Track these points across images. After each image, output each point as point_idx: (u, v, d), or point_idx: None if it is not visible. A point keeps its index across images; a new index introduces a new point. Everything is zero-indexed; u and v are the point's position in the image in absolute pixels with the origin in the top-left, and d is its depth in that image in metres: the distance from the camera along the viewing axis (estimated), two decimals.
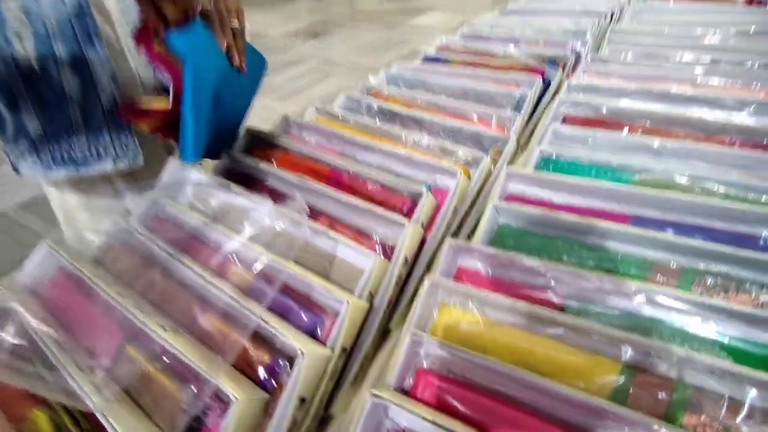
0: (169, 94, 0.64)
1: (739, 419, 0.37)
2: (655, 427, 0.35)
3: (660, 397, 0.39)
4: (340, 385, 0.51)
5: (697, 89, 0.82)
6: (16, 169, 0.78)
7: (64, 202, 0.87)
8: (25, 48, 0.68)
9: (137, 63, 0.78)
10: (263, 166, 0.68)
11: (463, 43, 1.15)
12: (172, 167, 0.66)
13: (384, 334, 0.57)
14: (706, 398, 0.38)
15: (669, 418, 0.38)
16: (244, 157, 0.71)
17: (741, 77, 0.84)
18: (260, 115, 0.83)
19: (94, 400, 0.37)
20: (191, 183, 0.63)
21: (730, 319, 0.43)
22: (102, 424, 0.37)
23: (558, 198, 0.63)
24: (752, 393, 0.37)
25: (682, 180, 0.61)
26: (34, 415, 0.41)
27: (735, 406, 0.37)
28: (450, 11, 5.93)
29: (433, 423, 0.37)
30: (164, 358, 0.41)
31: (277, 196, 0.61)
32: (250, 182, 0.68)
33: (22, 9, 0.65)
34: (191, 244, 0.54)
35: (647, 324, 0.45)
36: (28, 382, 0.40)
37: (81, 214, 0.87)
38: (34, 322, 0.44)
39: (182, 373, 0.40)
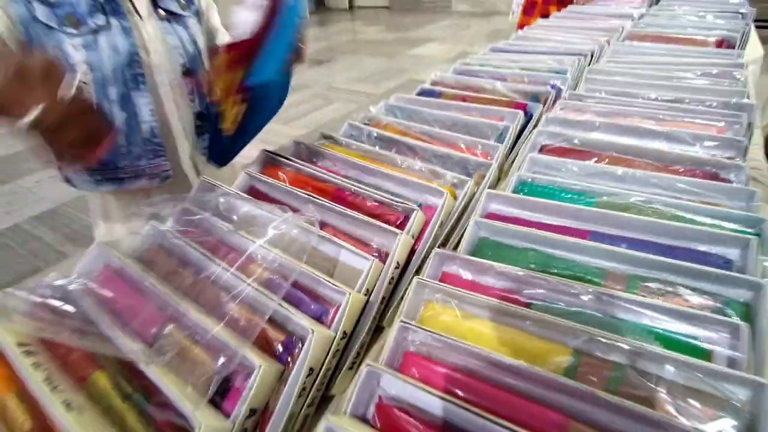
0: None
1: (662, 392, 0.46)
2: (597, 395, 0.44)
3: (602, 374, 0.49)
4: (339, 368, 0.60)
5: (658, 124, 0.93)
6: (70, 182, 0.92)
7: (106, 210, 0.99)
8: (88, 92, 0.80)
9: (175, 98, 0.93)
10: (277, 183, 0.78)
11: (455, 77, 1.27)
12: (201, 184, 0.77)
13: (377, 330, 0.66)
14: (636, 376, 0.48)
15: (608, 390, 0.47)
16: (260, 175, 0.81)
17: (700, 114, 0.95)
18: (264, 138, 0.94)
19: (143, 358, 0.47)
20: (219, 195, 0.73)
21: (664, 316, 0.53)
22: (149, 383, 0.46)
23: (530, 216, 0.73)
24: (671, 369, 0.47)
25: (638, 202, 0.72)
26: (95, 376, 0.51)
27: (658, 381, 0.47)
28: (447, 43, 6.16)
29: (417, 387, 0.46)
30: (198, 336, 0.51)
31: (290, 209, 0.71)
32: (266, 197, 0.78)
33: (86, 62, 0.79)
34: (218, 246, 0.64)
35: (597, 319, 0.55)
36: (91, 344, 0.49)
37: (118, 219, 0.99)
38: (89, 301, 0.54)
39: (214, 347, 0.49)
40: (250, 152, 0.91)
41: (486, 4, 7.93)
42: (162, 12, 0.90)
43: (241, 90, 0.76)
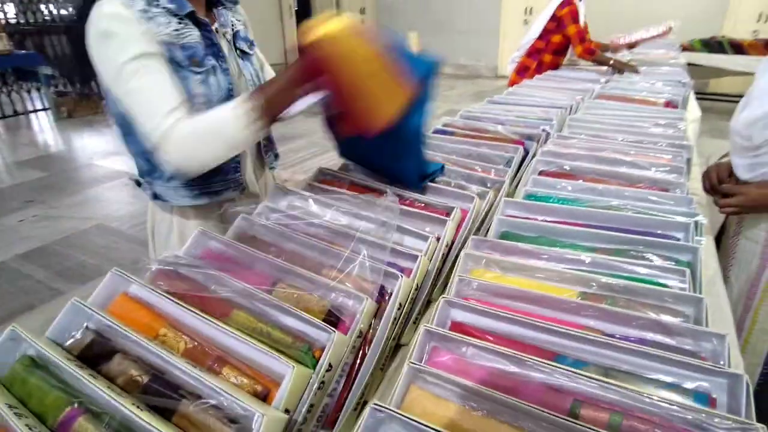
0: None
1: None
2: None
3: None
4: (408, 322, 0.82)
5: (625, 156, 1.22)
6: (160, 198, 1.11)
7: (182, 230, 1.16)
8: None
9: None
10: (339, 190, 1.02)
11: (463, 121, 1.56)
12: (276, 188, 1.00)
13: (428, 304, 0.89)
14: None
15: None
16: (321, 185, 1.05)
17: (654, 150, 1.25)
18: None
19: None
20: (295, 197, 0.97)
21: (642, 269, 0.78)
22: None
23: (536, 215, 0.99)
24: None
25: (613, 206, 0.98)
26: (234, 314, 0.70)
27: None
28: (436, 101, 6.62)
29: (483, 312, 0.69)
30: (301, 281, 0.73)
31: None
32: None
33: (203, 94, 1.00)
34: (304, 228, 0.87)
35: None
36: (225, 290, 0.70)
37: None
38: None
39: (320, 285, 0.72)
40: None
41: (469, 68, 8.59)
42: (238, 51, 1.13)
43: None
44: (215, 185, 1.11)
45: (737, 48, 5.09)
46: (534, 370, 0.60)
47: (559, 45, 2.78)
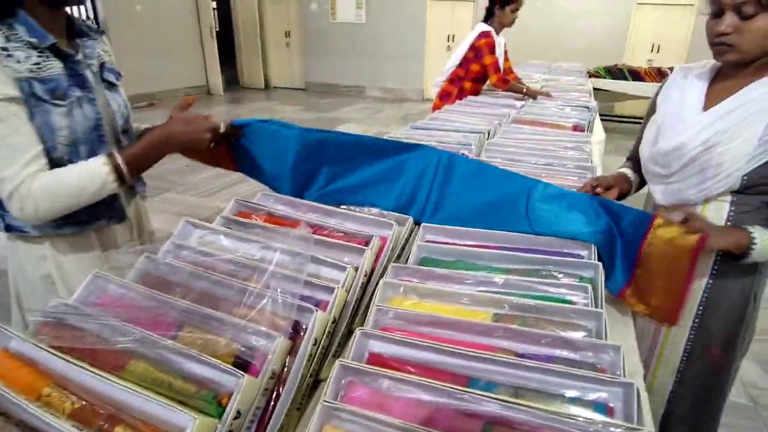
0: None
1: None
2: None
3: None
4: (326, 356, 0.81)
5: (538, 177, 1.28)
6: (17, 230, 1.04)
7: (59, 262, 1.09)
8: (61, 151, 0.99)
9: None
10: (254, 222, 1.00)
11: None
12: (185, 224, 0.96)
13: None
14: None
15: None
16: (236, 217, 1.03)
17: (562, 172, 1.33)
18: (190, 211, 1.14)
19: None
20: (205, 232, 0.94)
21: (550, 288, 0.82)
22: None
23: (455, 239, 1.02)
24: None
25: None
26: (132, 365, 0.64)
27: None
28: (364, 124, 6.71)
29: (399, 342, 0.70)
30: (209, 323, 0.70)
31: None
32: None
33: (67, 126, 0.99)
34: (215, 267, 0.85)
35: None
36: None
37: (72, 270, 1.11)
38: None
39: (230, 325, 0.70)
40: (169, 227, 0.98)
41: (396, 92, 8.81)
42: (106, 83, 1.12)
43: None
44: (83, 215, 1.04)
45: (635, 75, 5.66)
46: (447, 397, 0.61)
47: (477, 73, 2.92)
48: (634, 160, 1.32)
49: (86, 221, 1.08)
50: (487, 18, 2.90)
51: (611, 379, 0.62)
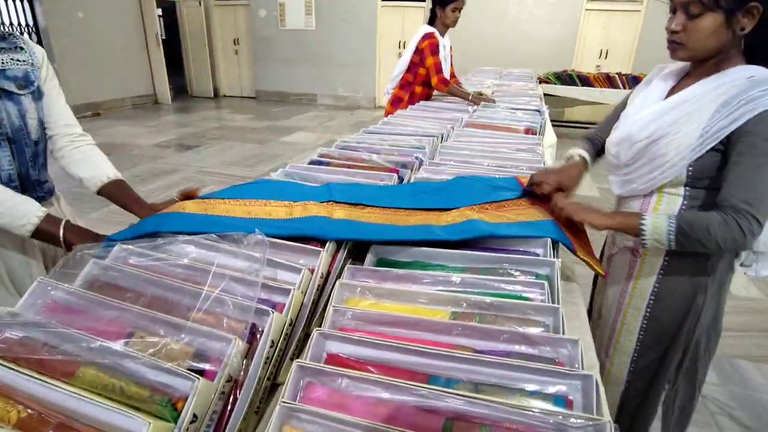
0: None
1: None
2: None
3: None
4: (283, 360, 0.78)
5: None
6: None
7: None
8: None
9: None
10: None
11: (339, 151, 1.57)
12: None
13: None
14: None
15: None
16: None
17: (516, 173, 1.36)
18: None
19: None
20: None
21: (505, 285, 0.83)
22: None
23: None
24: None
25: None
26: (81, 372, 0.62)
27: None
28: (316, 132, 6.65)
29: (357, 342, 0.68)
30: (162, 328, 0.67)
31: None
32: None
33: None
34: (167, 270, 0.81)
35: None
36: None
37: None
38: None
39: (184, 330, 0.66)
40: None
41: (348, 99, 8.79)
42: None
43: None
44: None
45: (584, 80, 5.83)
46: (407, 394, 0.60)
47: (425, 77, 2.93)
48: (589, 139, 1.37)
49: None
50: (432, 20, 2.92)
51: (570, 371, 0.63)
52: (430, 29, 2.86)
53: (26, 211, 1.00)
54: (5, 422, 0.55)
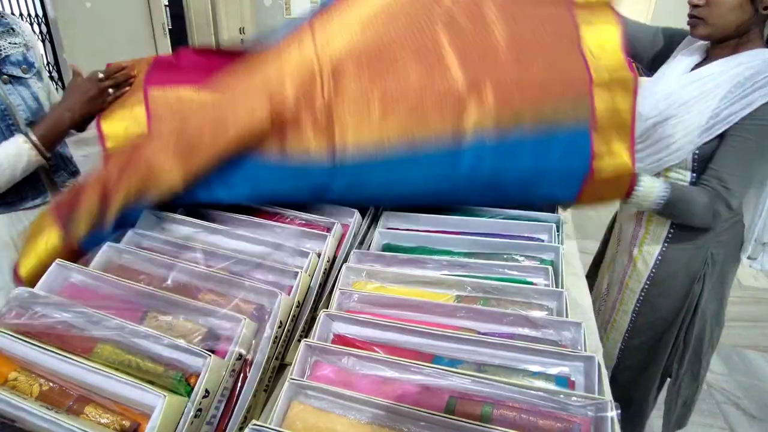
0: None
1: None
2: None
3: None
4: (291, 340, 0.80)
5: None
6: None
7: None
8: None
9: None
10: None
11: None
12: (146, 214, 0.92)
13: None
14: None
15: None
16: None
17: None
18: None
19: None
20: (169, 222, 0.92)
21: (514, 271, 0.84)
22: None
23: (416, 226, 1.02)
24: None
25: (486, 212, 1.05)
26: (99, 348, 0.64)
27: None
28: None
29: (363, 323, 0.70)
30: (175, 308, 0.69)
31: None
32: None
33: None
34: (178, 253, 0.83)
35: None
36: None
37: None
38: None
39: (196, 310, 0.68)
40: None
41: None
42: (5, 77, 1.09)
43: None
44: (9, 197, 1.08)
45: None
46: (412, 373, 0.61)
47: None
48: None
49: (12, 202, 1.10)
50: None
51: (572, 353, 0.64)
52: None
53: (17, 148, 0.99)
54: (28, 394, 0.59)
